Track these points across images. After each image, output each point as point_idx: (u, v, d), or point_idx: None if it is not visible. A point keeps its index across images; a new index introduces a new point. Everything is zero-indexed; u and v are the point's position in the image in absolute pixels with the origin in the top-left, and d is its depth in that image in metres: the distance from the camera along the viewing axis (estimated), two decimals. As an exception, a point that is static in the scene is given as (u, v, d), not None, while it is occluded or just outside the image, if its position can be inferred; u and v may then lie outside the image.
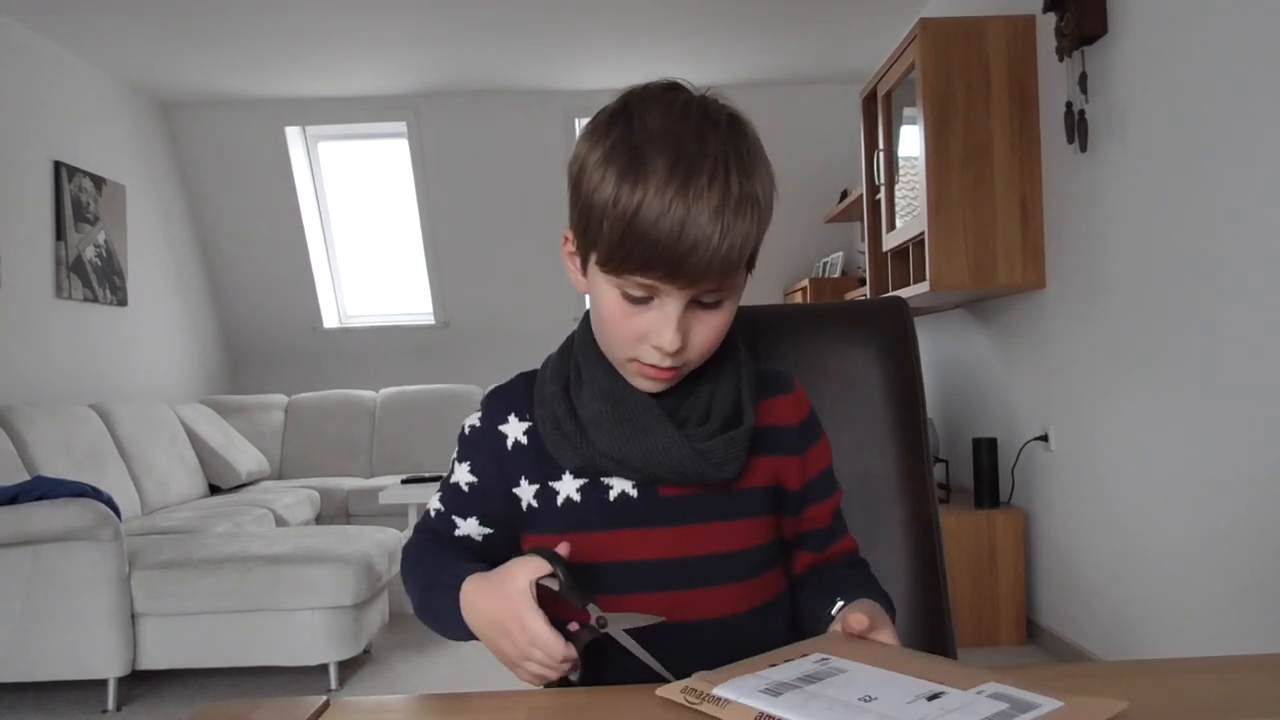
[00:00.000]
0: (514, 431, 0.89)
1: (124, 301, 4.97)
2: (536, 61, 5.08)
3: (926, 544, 1.17)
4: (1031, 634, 3.41)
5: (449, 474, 0.93)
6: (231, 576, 3.06)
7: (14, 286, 4.17)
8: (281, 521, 4.35)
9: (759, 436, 0.87)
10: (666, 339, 0.79)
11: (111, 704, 3.00)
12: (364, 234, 6.10)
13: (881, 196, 3.96)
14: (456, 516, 0.91)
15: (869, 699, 0.64)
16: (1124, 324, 2.74)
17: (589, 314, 0.88)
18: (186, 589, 3.04)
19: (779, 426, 0.90)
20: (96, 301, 4.74)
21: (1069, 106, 2.87)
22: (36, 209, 4.37)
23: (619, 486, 0.86)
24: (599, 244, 0.79)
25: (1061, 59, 2.87)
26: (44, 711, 3.05)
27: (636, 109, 0.79)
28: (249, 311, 6.05)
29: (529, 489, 0.88)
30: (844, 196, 5.10)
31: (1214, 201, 2.29)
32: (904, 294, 3.55)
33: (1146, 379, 2.63)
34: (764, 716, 0.63)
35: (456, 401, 5.47)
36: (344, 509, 4.93)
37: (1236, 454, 2.26)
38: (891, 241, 3.84)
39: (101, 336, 4.82)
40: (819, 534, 0.93)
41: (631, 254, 0.76)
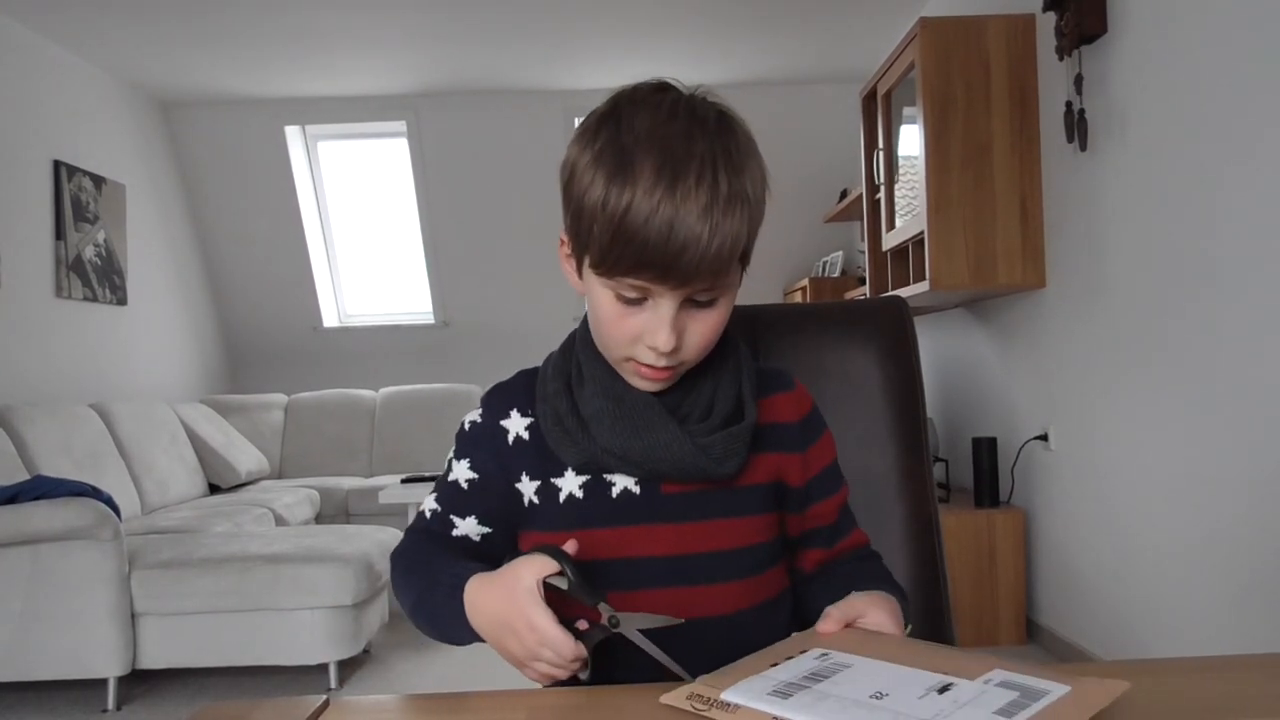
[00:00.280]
0: (515, 427, 0.89)
1: (124, 301, 4.98)
2: (536, 61, 5.08)
3: (926, 544, 1.17)
4: (1031, 633, 3.41)
5: (445, 473, 0.92)
6: (231, 576, 3.06)
7: (14, 286, 4.17)
8: (281, 521, 4.35)
9: (760, 434, 0.87)
10: (661, 339, 0.79)
11: (111, 703, 3.01)
12: (364, 234, 6.10)
13: (881, 196, 3.96)
14: (454, 516, 0.90)
15: (880, 695, 0.64)
16: (1124, 323, 2.73)
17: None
18: (186, 588, 3.04)
19: (780, 423, 0.90)
20: (96, 301, 4.74)
21: (1069, 106, 2.87)
22: (36, 208, 4.37)
23: (622, 483, 0.86)
24: (591, 247, 0.79)
25: (1061, 58, 2.87)
26: (44, 711, 3.05)
27: (625, 111, 0.79)
28: (249, 311, 6.05)
29: (531, 485, 0.88)
30: (844, 196, 5.10)
31: (1214, 201, 2.29)
32: (904, 293, 3.55)
33: (1146, 378, 2.63)
34: None
35: (456, 401, 5.47)
36: (344, 508, 4.93)
37: (1236, 454, 2.26)
38: (891, 241, 3.84)
39: (101, 336, 4.82)
40: (826, 530, 0.93)
41: (622, 256, 0.76)
